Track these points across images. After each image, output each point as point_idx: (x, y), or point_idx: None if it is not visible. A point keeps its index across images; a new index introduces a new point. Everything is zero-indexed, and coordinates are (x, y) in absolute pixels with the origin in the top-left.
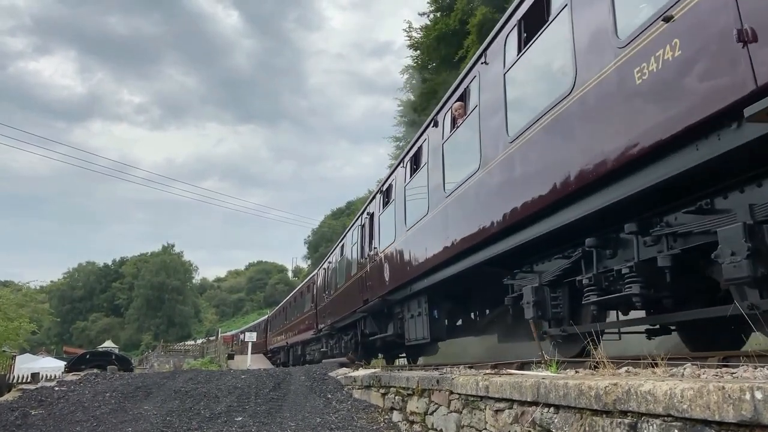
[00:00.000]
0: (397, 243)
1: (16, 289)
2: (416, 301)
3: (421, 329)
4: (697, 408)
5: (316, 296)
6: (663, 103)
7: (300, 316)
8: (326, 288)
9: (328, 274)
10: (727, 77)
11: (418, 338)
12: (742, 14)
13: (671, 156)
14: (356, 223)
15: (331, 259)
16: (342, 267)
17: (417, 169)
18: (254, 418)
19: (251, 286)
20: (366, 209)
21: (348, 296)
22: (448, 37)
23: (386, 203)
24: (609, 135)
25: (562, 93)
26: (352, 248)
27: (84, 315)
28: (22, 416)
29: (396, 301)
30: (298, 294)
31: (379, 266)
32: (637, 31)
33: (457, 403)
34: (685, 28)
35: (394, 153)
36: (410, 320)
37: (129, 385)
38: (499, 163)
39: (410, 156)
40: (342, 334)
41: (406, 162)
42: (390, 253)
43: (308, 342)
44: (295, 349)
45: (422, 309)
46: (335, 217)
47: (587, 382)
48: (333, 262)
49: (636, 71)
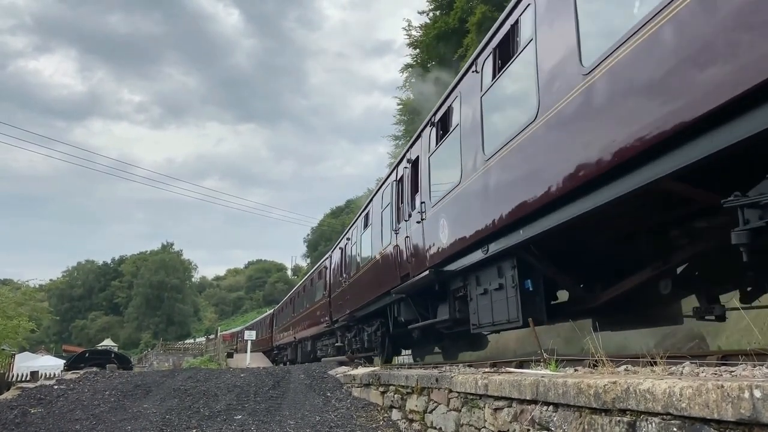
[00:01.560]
0: (466, 185)
1: (16, 287)
2: (494, 269)
3: (503, 309)
4: (696, 406)
5: (330, 282)
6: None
7: (310, 307)
8: (343, 271)
9: (346, 253)
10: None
11: (498, 321)
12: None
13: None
14: (387, 182)
15: (350, 235)
16: (366, 242)
17: (506, 64)
18: (253, 417)
19: (250, 284)
20: (404, 157)
21: (375, 276)
22: (447, 35)
23: (442, 135)
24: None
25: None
26: (381, 214)
27: (83, 313)
28: (21, 414)
29: (456, 272)
30: (307, 282)
31: (431, 227)
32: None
33: (456, 402)
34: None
35: (394, 152)
36: (481, 297)
37: (128, 384)
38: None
39: (492, 49)
40: (364, 326)
41: (483, 65)
42: (452, 202)
43: (320, 336)
44: (304, 345)
45: (508, 279)
46: (335, 215)
47: (586, 381)
48: (353, 239)
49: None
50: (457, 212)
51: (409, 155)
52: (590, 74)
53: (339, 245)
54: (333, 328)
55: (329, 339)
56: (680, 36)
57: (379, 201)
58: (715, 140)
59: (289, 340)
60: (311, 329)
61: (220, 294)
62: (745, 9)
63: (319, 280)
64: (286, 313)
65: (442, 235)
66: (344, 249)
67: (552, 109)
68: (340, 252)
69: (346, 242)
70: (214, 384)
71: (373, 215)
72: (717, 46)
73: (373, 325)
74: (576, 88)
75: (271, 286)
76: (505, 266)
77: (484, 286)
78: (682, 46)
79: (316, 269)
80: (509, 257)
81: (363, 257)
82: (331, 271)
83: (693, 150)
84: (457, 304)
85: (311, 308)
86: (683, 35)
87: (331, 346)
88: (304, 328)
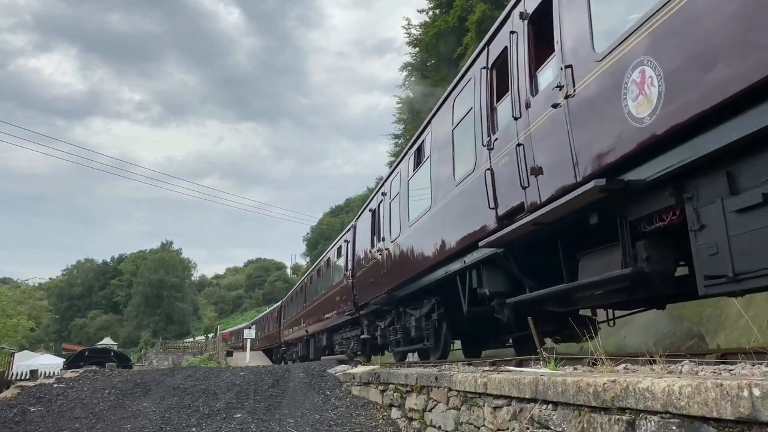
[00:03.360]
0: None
1: (15, 286)
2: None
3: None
4: (695, 405)
5: (354, 259)
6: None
7: (325, 293)
8: (377, 238)
9: (381, 214)
10: None
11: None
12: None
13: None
14: (466, 77)
15: (388, 187)
16: (419, 187)
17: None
18: (253, 415)
19: (250, 283)
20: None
21: (441, 228)
22: (447, 34)
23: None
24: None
25: None
26: (453, 133)
27: (83, 312)
28: (20, 413)
29: (659, 179)
30: (322, 264)
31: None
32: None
33: (456, 400)
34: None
35: (394, 150)
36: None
37: (128, 382)
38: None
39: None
40: (407, 308)
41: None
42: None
43: (338, 328)
44: (318, 340)
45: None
46: (334, 214)
47: (585, 379)
48: (393, 190)
49: None
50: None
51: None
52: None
53: (368, 207)
54: (357, 317)
55: (351, 330)
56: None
57: (449, 112)
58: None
59: (299, 335)
60: (327, 320)
61: (220, 293)
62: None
63: (337, 260)
64: (296, 304)
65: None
66: (377, 210)
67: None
68: (370, 216)
69: (380, 200)
70: (213, 382)
71: (436, 141)
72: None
73: (423, 305)
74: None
75: (270, 285)
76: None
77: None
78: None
79: (332, 247)
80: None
81: (414, 210)
82: (354, 246)
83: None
84: (647, 245)
85: (327, 295)
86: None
87: (355, 339)
88: (317, 320)
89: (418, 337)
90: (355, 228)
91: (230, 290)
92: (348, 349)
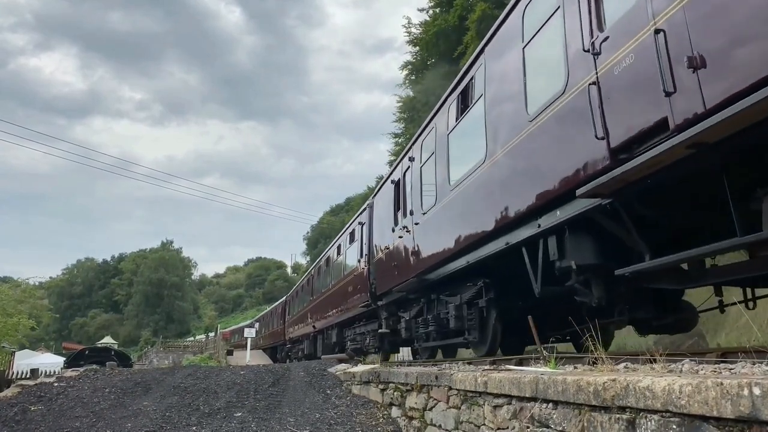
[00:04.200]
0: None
1: (15, 285)
2: None
3: None
4: (696, 404)
5: (370, 243)
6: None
7: (336, 284)
8: (402, 213)
9: (409, 185)
10: None
11: None
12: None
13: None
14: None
15: (414, 153)
16: (463, 142)
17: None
18: (253, 414)
19: (250, 282)
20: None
21: (498, 188)
22: (447, 33)
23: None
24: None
25: None
26: (532, 49)
27: (83, 311)
28: (21, 412)
29: None
30: (332, 253)
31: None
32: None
33: (456, 399)
34: None
35: (394, 149)
36: None
37: (128, 381)
38: None
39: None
40: (440, 295)
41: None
42: None
43: (351, 322)
44: (327, 336)
45: None
46: (334, 213)
47: (586, 378)
48: (420, 157)
49: None
50: None
51: None
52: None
53: (390, 179)
54: (374, 308)
55: (366, 324)
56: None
57: (518, 29)
58: None
59: (306, 331)
60: (337, 314)
61: (220, 292)
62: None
63: (349, 246)
64: (301, 298)
65: None
66: (402, 180)
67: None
68: (392, 189)
69: (406, 167)
70: (213, 381)
71: (493, 72)
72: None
73: (464, 291)
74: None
75: (270, 284)
76: None
77: None
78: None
79: (343, 232)
80: None
81: (457, 169)
82: (370, 228)
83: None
84: None
85: (337, 286)
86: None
87: (371, 335)
88: (326, 314)
89: (457, 330)
90: (372, 207)
91: (230, 289)
92: (362, 345)
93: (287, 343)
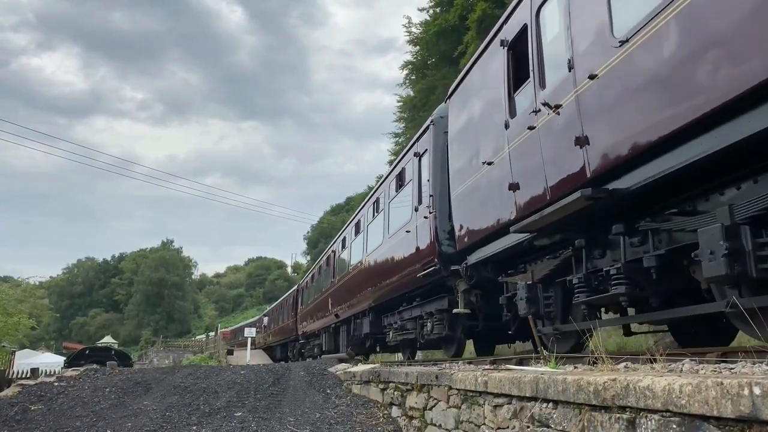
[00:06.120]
0: None
1: (16, 284)
2: None
3: None
4: (696, 403)
5: (446, 172)
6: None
7: (373, 253)
8: (540, 80)
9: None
10: None
11: None
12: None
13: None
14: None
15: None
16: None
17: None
18: (253, 413)
19: (251, 282)
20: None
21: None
22: (447, 32)
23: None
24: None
25: None
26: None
27: (83, 311)
28: (21, 411)
29: None
30: (364, 212)
31: None
32: None
33: (456, 399)
34: None
35: (395, 149)
36: None
37: (128, 381)
38: None
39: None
40: (626, 224)
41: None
42: None
43: (395, 304)
44: (354, 326)
45: None
46: (334, 213)
47: (586, 378)
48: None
49: None
50: None
51: None
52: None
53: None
54: (442, 277)
55: (423, 305)
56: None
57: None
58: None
59: (325, 323)
60: (374, 293)
61: (220, 291)
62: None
63: (395, 195)
64: (318, 284)
65: None
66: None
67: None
68: (505, 55)
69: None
70: (214, 381)
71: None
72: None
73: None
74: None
75: (271, 284)
76: None
77: None
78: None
79: (384, 179)
80: None
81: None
82: (445, 151)
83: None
84: None
85: (374, 255)
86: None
87: (434, 317)
88: (355, 298)
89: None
90: (446, 117)
91: (231, 289)
92: (417, 335)
93: (300, 338)
